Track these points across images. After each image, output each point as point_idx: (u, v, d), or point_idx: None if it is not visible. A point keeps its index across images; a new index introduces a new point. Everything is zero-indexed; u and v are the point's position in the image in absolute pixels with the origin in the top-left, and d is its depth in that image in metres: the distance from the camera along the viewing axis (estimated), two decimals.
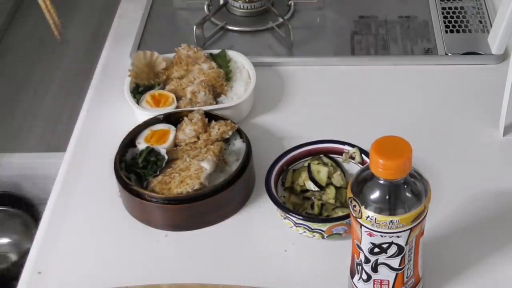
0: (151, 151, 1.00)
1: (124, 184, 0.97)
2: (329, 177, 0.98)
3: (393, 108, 1.14)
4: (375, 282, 0.82)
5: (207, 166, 0.97)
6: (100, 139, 1.11)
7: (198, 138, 1.02)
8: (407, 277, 0.82)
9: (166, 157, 1.00)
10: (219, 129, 1.01)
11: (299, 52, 1.24)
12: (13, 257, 1.58)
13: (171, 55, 1.15)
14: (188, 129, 1.02)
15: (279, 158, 0.99)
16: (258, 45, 1.27)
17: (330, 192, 0.97)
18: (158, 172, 0.98)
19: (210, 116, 1.05)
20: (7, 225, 1.60)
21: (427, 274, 0.88)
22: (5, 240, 1.61)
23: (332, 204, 0.96)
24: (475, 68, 1.20)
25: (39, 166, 1.60)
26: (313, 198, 0.97)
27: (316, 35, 1.29)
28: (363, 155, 0.99)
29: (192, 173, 0.96)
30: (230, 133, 1.02)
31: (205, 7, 1.34)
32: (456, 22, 1.27)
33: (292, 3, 1.33)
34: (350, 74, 1.21)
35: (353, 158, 1.00)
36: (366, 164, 0.77)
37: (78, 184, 1.05)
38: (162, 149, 1.01)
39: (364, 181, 0.77)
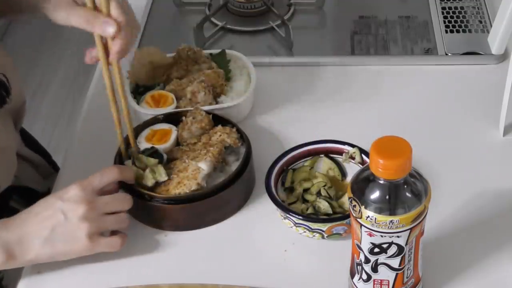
0: (154, 153, 1.00)
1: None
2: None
3: (393, 108, 1.14)
4: (375, 282, 0.82)
5: (204, 166, 0.97)
6: (100, 139, 1.11)
7: (200, 139, 1.02)
8: (407, 277, 0.82)
9: (165, 156, 1.00)
10: (220, 135, 1.01)
11: (299, 52, 1.24)
12: None
13: (171, 55, 1.15)
14: (194, 127, 1.02)
15: (279, 158, 0.99)
16: (258, 45, 1.27)
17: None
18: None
19: (212, 117, 1.05)
20: None
21: (427, 274, 0.88)
22: None
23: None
24: (475, 68, 1.20)
25: None
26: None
27: (316, 35, 1.29)
28: (363, 155, 0.99)
29: (189, 174, 0.96)
30: (229, 141, 1.01)
31: (205, 7, 1.34)
32: (456, 22, 1.27)
33: (292, 3, 1.33)
34: (350, 74, 1.21)
35: (353, 158, 1.00)
36: (366, 164, 0.78)
37: None
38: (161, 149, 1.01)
39: (364, 181, 0.77)
